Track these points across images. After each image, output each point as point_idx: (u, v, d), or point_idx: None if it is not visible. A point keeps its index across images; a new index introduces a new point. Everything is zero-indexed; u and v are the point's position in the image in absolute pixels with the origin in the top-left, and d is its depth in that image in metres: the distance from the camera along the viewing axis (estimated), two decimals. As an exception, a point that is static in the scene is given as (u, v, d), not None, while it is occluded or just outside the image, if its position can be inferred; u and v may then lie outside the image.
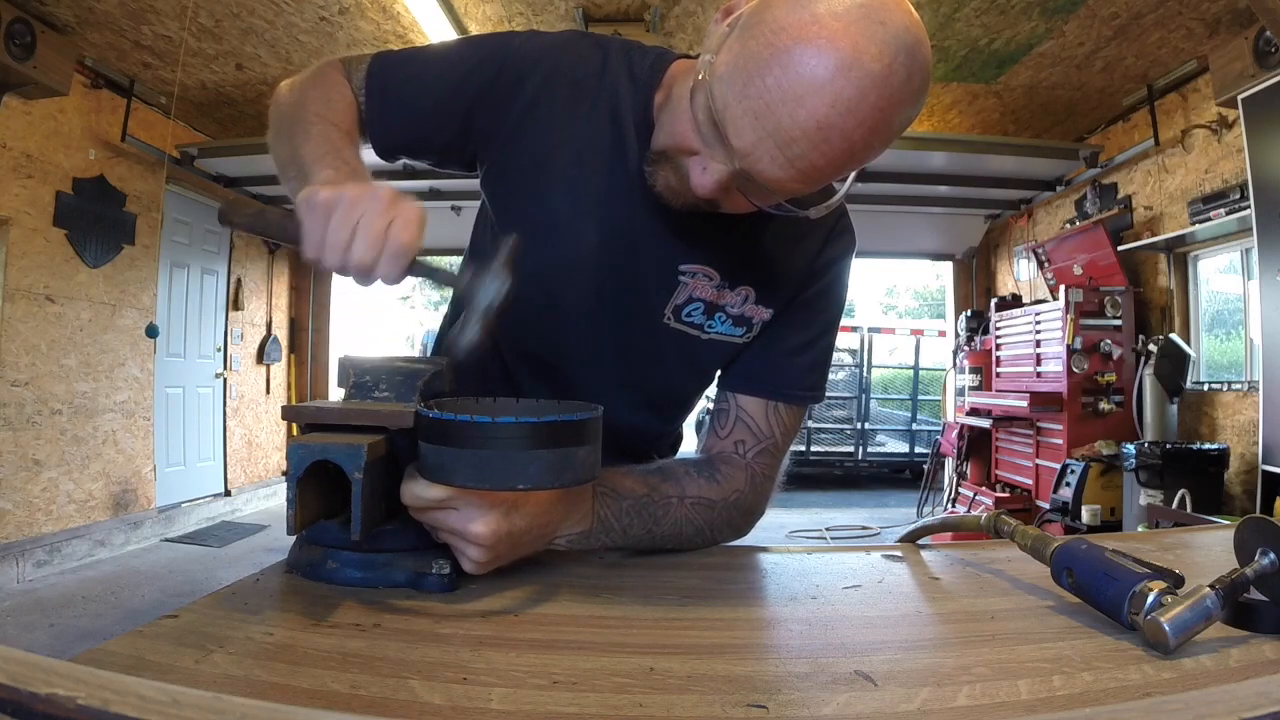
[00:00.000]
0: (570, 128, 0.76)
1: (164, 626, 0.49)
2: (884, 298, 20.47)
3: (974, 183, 5.20)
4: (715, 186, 0.62)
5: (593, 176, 0.76)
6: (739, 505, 0.78)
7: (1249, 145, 3.26)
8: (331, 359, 6.37)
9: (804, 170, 0.58)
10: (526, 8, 3.55)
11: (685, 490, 0.74)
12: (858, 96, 0.54)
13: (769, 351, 0.82)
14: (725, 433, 0.82)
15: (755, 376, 0.82)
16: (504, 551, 0.60)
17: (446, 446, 0.54)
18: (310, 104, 0.74)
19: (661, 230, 0.76)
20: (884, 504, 6.62)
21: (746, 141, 0.58)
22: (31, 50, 3.40)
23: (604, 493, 0.69)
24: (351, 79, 0.79)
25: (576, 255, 0.78)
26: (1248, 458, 3.52)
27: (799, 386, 0.83)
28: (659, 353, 0.81)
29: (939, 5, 3.41)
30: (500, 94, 0.76)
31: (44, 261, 3.90)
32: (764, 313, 0.81)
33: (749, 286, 0.79)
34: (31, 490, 3.82)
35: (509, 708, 0.40)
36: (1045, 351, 4.38)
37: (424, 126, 0.79)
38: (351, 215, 0.56)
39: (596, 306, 0.79)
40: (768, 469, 0.81)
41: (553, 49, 0.78)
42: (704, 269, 0.78)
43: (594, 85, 0.76)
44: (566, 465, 0.55)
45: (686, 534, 0.74)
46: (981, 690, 0.43)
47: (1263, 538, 0.52)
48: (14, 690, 0.21)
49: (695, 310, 0.79)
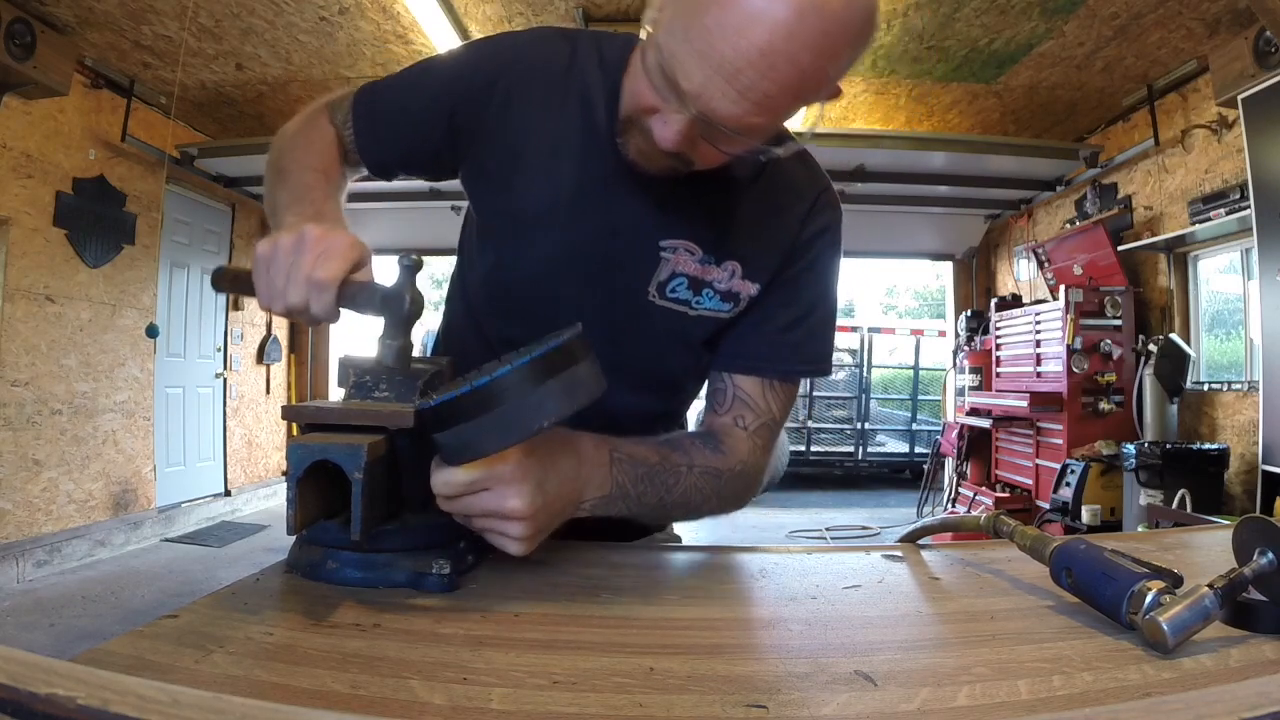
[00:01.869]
0: (544, 121, 0.78)
1: (164, 626, 0.49)
2: (884, 298, 20.48)
3: (974, 183, 5.20)
4: (678, 137, 0.64)
5: (568, 164, 0.78)
6: (743, 476, 0.80)
7: (1249, 145, 3.26)
8: (331, 359, 6.37)
9: (757, 101, 0.59)
10: (526, 8, 3.55)
11: (694, 460, 0.75)
12: (796, 19, 0.55)
13: (762, 330, 0.83)
14: (724, 410, 0.83)
15: (750, 356, 0.83)
16: (543, 522, 0.61)
17: (460, 425, 0.54)
18: (293, 151, 0.80)
19: (640, 209, 0.77)
20: (884, 504, 6.62)
21: (696, 82, 0.59)
22: (31, 50, 3.40)
23: (620, 459, 0.69)
24: (335, 116, 0.84)
25: (558, 242, 0.80)
26: (1248, 458, 3.52)
27: (794, 362, 0.84)
28: (648, 331, 0.82)
29: (939, 5, 3.41)
30: (476, 95, 0.79)
31: (44, 261, 3.90)
32: (751, 288, 0.82)
33: (735, 261, 0.80)
34: (31, 490, 3.82)
35: (509, 708, 0.40)
36: (1045, 351, 4.38)
37: (411, 138, 0.82)
38: (284, 262, 0.59)
39: (581, 291, 0.81)
40: (766, 441, 0.83)
41: (522, 46, 0.81)
42: (685, 244, 0.79)
43: (564, 77, 0.79)
44: (577, 386, 0.56)
45: (695, 502, 0.76)
46: (981, 690, 0.43)
47: (1261, 537, 0.52)
48: (14, 690, 0.21)
49: (680, 286, 0.80)
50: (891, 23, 3.60)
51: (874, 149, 4.69)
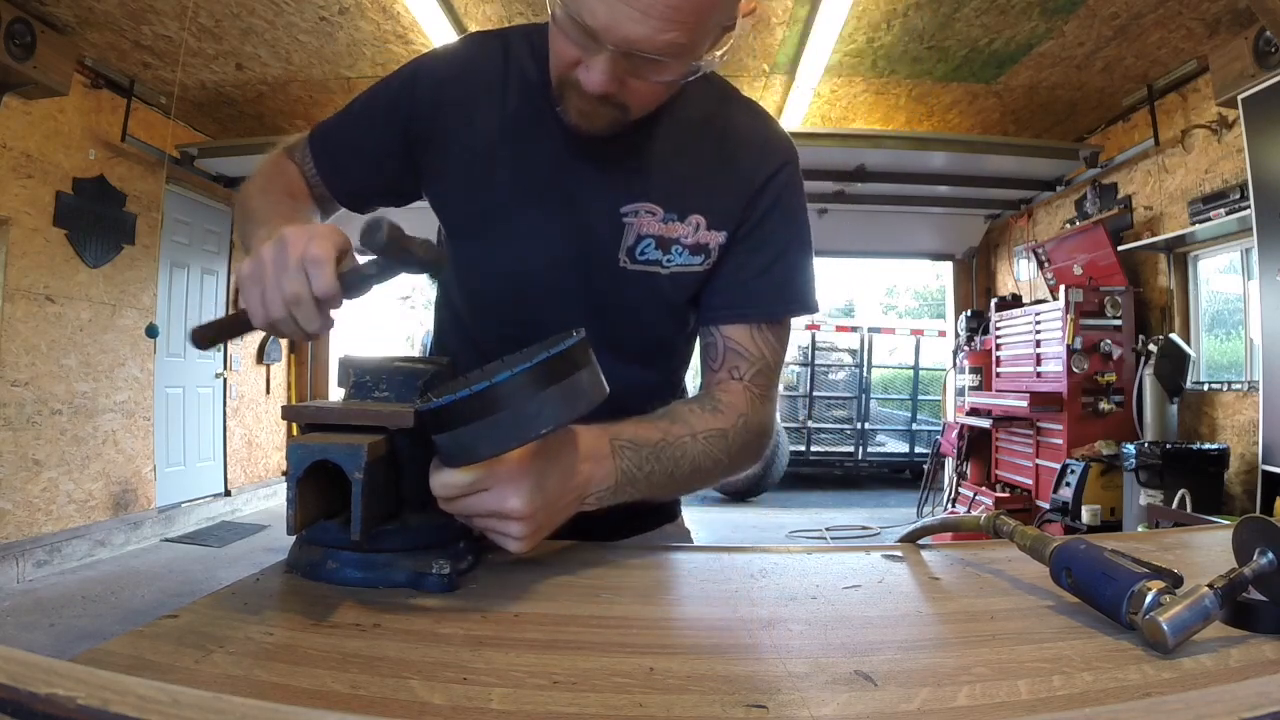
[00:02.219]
0: (490, 118, 0.80)
1: (164, 626, 0.49)
2: (884, 298, 20.48)
3: (974, 183, 5.20)
4: (603, 76, 0.65)
5: (520, 152, 0.80)
6: (749, 427, 0.80)
7: (1249, 145, 3.26)
8: (331, 359, 6.37)
9: (664, 15, 0.60)
10: (526, 8, 3.55)
11: (695, 427, 0.76)
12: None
13: (738, 276, 0.84)
14: (717, 364, 0.84)
15: (731, 304, 0.84)
16: (543, 521, 0.61)
17: (460, 428, 0.54)
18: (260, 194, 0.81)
19: (595, 180, 0.79)
20: (884, 504, 6.62)
21: (602, 17, 0.61)
22: (31, 50, 3.40)
23: (621, 446, 0.70)
24: (294, 155, 0.87)
25: (524, 229, 0.81)
26: (1248, 458, 3.52)
27: (777, 302, 0.84)
28: (628, 299, 0.83)
29: (939, 5, 3.41)
30: (423, 109, 0.82)
31: (44, 261, 3.90)
32: (718, 236, 0.82)
33: (698, 215, 0.81)
34: (31, 490, 3.82)
35: (509, 708, 0.40)
36: (1045, 351, 4.38)
37: (371, 165, 0.85)
38: (270, 264, 0.59)
39: (556, 273, 0.82)
40: (765, 388, 0.84)
41: (456, 54, 0.84)
42: (645, 205, 0.80)
43: (501, 73, 0.81)
44: (576, 393, 0.56)
45: (707, 468, 0.76)
46: (981, 690, 0.43)
47: (1261, 537, 0.52)
48: (14, 690, 0.21)
49: (648, 247, 0.81)
50: (891, 23, 3.60)
51: (874, 149, 4.69)
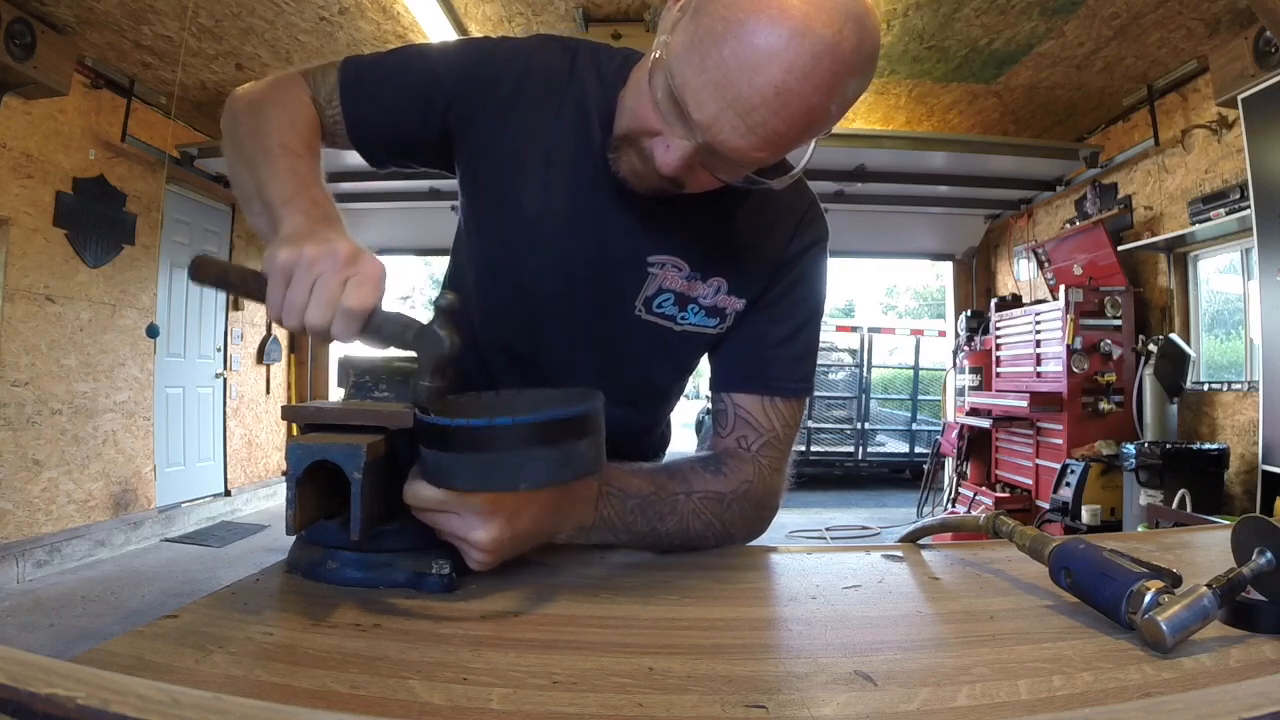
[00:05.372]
0: (541, 128, 0.77)
1: (164, 626, 0.49)
2: (884, 298, 20.49)
3: (974, 183, 5.20)
4: (680, 163, 0.64)
5: (561, 174, 0.77)
6: (749, 496, 0.78)
7: (1249, 145, 3.26)
8: (331, 359, 6.36)
9: (765, 137, 0.60)
10: (526, 8, 3.55)
11: (692, 486, 0.75)
12: (812, 61, 0.56)
13: (756, 346, 0.83)
14: (727, 431, 0.82)
15: (746, 373, 0.83)
16: (507, 552, 0.61)
17: (445, 451, 0.54)
18: (273, 128, 0.72)
19: (628, 222, 0.77)
20: (884, 504, 6.62)
21: (708, 114, 0.59)
22: (31, 50, 3.40)
23: (610, 493, 0.69)
24: (318, 90, 0.79)
25: (547, 251, 0.79)
26: (1248, 458, 3.52)
27: (791, 379, 0.83)
28: (632, 345, 0.82)
29: (939, 5, 3.41)
30: (475, 94, 0.77)
31: (44, 261, 3.90)
32: (737, 303, 0.82)
33: (720, 278, 0.80)
34: (31, 490, 3.82)
35: (509, 708, 0.40)
36: (1045, 351, 4.38)
37: (405, 125, 0.79)
38: (308, 277, 0.55)
39: (569, 301, 0.81)
40: (774, 461, 0.82)
41: (523, 52, 0.79)
42: (672, 259, 0.79)
43: (562, 85, 0.78)
44: (568, 461, 0.54)
45: (695, 529, 0.74)
46: (981, 690, 0.43)
47: (1260, 537, 0.52)
48: (14, 690, 0.21)
49: (666, 301, 0.80)
50: (891, 23, 3.60)
51: (874, 149, 4.69)
